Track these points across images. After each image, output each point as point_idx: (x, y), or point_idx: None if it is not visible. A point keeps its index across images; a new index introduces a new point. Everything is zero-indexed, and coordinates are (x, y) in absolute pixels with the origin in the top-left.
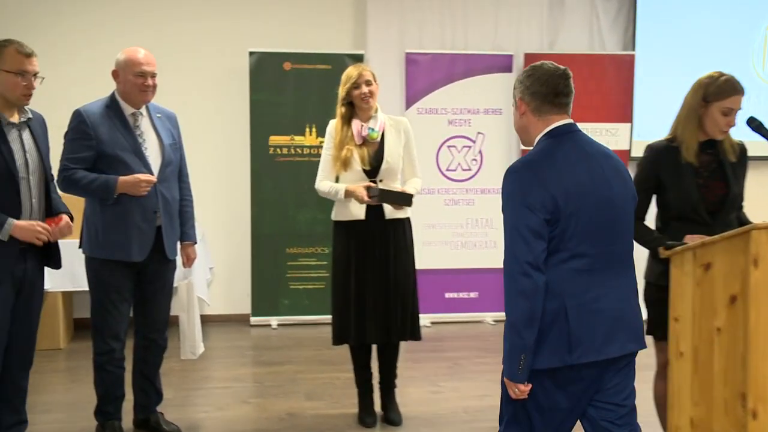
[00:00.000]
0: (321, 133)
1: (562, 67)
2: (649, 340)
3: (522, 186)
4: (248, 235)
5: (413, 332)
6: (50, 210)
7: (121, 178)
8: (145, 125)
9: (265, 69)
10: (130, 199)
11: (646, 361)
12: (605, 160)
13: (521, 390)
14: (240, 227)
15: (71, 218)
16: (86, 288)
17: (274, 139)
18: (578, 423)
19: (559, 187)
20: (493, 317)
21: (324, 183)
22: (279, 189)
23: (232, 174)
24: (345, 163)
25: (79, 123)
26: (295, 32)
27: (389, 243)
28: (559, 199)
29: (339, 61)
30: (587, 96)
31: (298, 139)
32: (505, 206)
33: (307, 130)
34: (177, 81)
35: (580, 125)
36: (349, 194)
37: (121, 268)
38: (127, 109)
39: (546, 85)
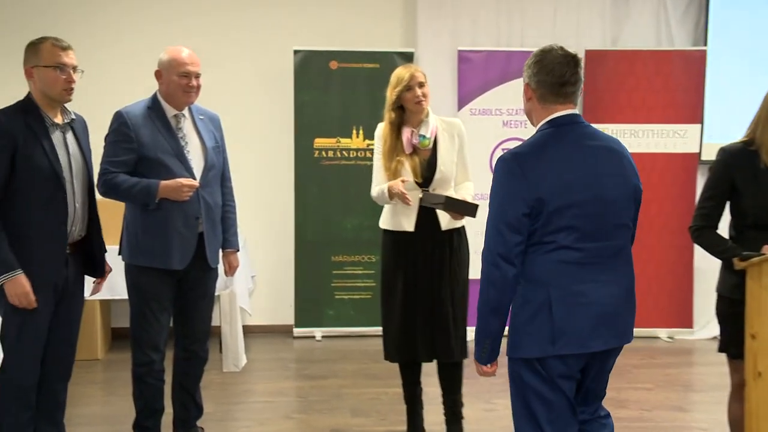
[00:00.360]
0: (368, 135)
1: (572, 53)
2: (721, 357)
3: (506, 177)
4: (292, 242)
5: (462, 351)
6: (93, 217)
7: (163, 182)
8: (187, 127)
9: (311, 68)
10: (171, 205)
11: (718, 381)
12: (607, 154)
13: (485, 371)
14: (283, 234)
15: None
16: (125, 296)
17: (320, 142)
18: None
19: (544, 181)
20: None
21: (376, 188)
22: (324, 194)
23: (275, 178)
24: (395, 175)
25: (120, 125)
26: (342, 29)
27: (444, 256)
28: (543, 193)
29: (388, 60)
30: (653, 95)
31: (345, 142)
32: (491, 194)
33: (354, 132)
34: (218, 81)
35: (645, 126)
36: (391, 192)
37: (161, 276)
38: (170, 111)
39: (552, 74)
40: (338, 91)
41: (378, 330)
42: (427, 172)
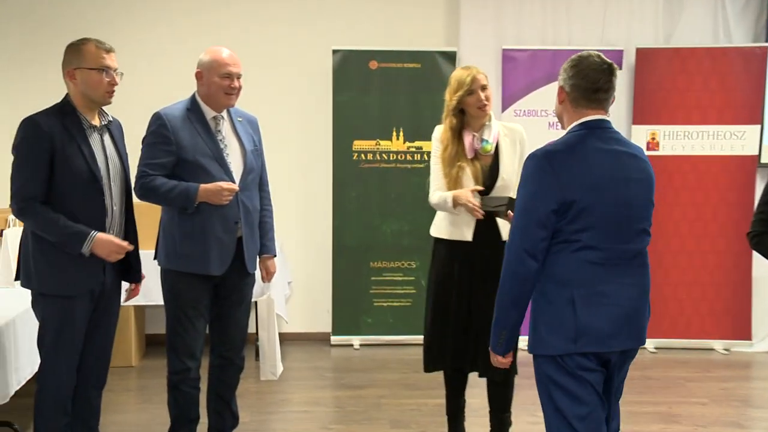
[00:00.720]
0: (409, 137)
1: (608, 61)
2: None
3: (538, 174)
4: (329, 248)
5: (513, 368)
6: (130, 220)
7: (202, 186)
8: (226, 130)
9: (350, 68)
10: (210, 209)
11: None
12: (631, 161)
13: (501, 361)
14: (320, 239)
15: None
16: (159, 302)
17: (359, 144)
18: None
19: (574, 181)
20: None
21: (436, 194)
22: (363, 198)
23: (313, 181)
24: (456, 182)
25: (159, 126)
26: (382, 28)
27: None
28: (572, 191)
29: (429, 59)
30: (708, 95)
31: (385, 144)
32: (520, 189)
33: (394, 134)
34: (255, 82)
35: (699, 128)
36: (457, 202)
37: (199, 282)
38: (209, 113)
39: (587, 80)
40: (378, 91)
41: (417, 338)
42: (488, 180)
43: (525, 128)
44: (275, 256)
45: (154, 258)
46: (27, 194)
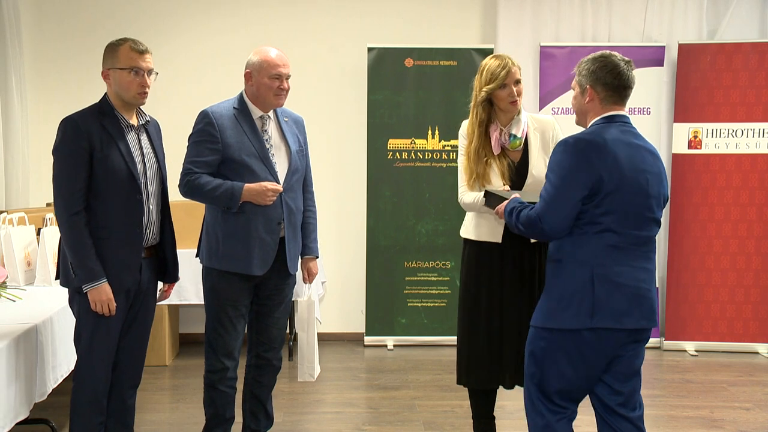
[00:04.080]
0: (444, 136)
1: (626, 58)
2: None
3: (571, 159)
4: (363, 247)
5: None
6: (167, 220)
7: (247, 185)
8: (272, 129)
9: (385, 66)
10: (254, 209)
11: None
12: (647, 156)
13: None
14: (354, 238)
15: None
16: (193, 302)
17: (394, 143)
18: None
19: (604, 168)
20: None
21: (468, 195)
22: (398, 197)
23: (347, 180)
24: (483, 179)
25: (206, 125)
26: (418, 25)
27: (533, 271)
28: (602, 178)
29: (466, 57)
30: (754, 91)
31: (420, 143)
32: (551, 173)
33: (430, 132)
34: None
35: (744, 125)
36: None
37: (240, 281)
38: (256, 112)
39: (619, 78)
40: (413, 89)
41: (452, 339)
42: (516, 176)
43: (563, 127)
44: (317, 257)
45: (196, 255)
46: (73, 208)
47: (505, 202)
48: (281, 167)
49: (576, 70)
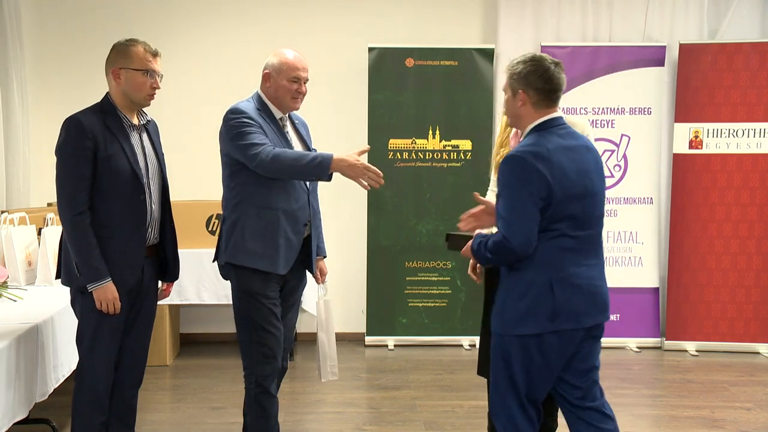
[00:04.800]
0: (445, 136)
1: (557, 60)
2: None
3: (522, 175)
4: (364, 247)
5: None
6: (167, 220)
7: (340, 157)
8: (291, 131)
9: (386, 66)
10: (285, 208)
11: None
12: (587, 154)
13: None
14: (355, 238)
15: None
16: (194, 301)
17: (394, 143)
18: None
19: (552, 177)
20: (637, 343)
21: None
22: (398, 197)
23: (348, 180)
24: (497, 170)
25: (246, 117)
26: (419, 25)
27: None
28: (552, 188)
29: (466, 57)
30: (755, 91)
31: (420, 143)
32: (505, 190)
33: (430, 132)
34: None
35: (745, 125)
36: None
37: (270, 279)
38: (277, 113)
39: (549, 82)
40: (414, 89)
41: (453, 339)
42: None
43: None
44: (326, 257)
45: (214, 260)
46: (78, 208)
47: (470, 241)
48: None
49: (507, 72)
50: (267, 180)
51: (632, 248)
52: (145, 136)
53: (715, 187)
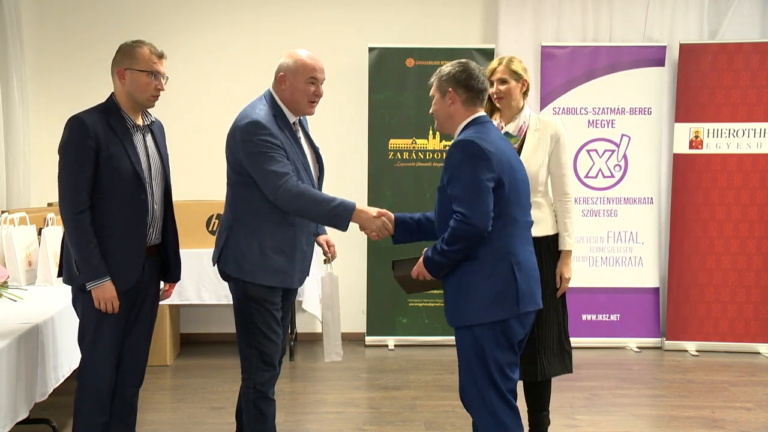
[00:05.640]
0: (445, 136)
1: (480, 67)
2: None
3: (473, 157)
4: (364, 247)
5: (565, 365)
6: (169, 220)
7: (362, 209)
8: (302, 136)
9: (386, 66)
10: (301, 222)
11: None
12: (511, 147)
13: (428, 277)
14: (355, 238)
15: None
16: (194, 302)
17: (395, 143)
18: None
19: (497, 163)
20: (638, 343)
21: None
22: (399, 196)
23: (348, 180)
24: None
25: (269, 135)
26: (419, 25)
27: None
28: (501, 173)
29: (467, 57)
30: (755, 91)
31: (421, 143)
32: (457, 172)
33: (431, 132)
34: None
35: (745, 125)
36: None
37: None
38: (291, 117)
39: (477, 81)
40: (415, 89)
41: (453, 339)
42: None
43: (564, 126)
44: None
45: (215, 263)
46: (79, 207)
47: (420, 259)
48: (314, 174)
49: (435, 78)
50: None
51: (632, 248)
52: (149, 137)
53: (716, 187)
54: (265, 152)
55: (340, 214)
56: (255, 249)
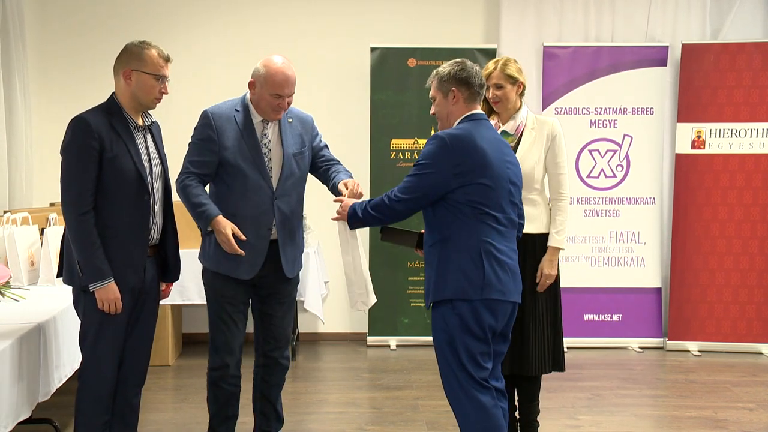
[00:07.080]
0: None
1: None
2: None
3: (441, 150)
4: (366, 247)
5: (557, 363)
6: (169, 220)
7: (218, 220)
8: (272, 133)
9: (388, 66)
10: (244, 214)
11: None
12: (506, 149)
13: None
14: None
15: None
16: (196, 301)
17: (396, 143)
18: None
19: (473, 158)
20: (639, 343)
21: None
22: None
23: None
24: None
25: (204, 126)
26: (421, 25)
27: (528, 264)
28: (472, 167)
29: (469, 57)
30: (758, 91)
31: (423, 143)
32: (421, 159)
33: (433, 132)
34: None
35: (748, 125)
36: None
37: (233, 281)
38: (257, 117)
39: (477, 79)
40: (416, 89)
41: None
42: None
43: (566, 126)
44: (351, 176)
45: (200, 256)
46: (83, 208)
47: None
48: (276, 172)
49: (434, 80)
50: (225, 186)
51: (634, 248)
52: (149, 137)
53: (718, 187)
54: (192, 141)
55: (202, 220)
56: (206, 239)
